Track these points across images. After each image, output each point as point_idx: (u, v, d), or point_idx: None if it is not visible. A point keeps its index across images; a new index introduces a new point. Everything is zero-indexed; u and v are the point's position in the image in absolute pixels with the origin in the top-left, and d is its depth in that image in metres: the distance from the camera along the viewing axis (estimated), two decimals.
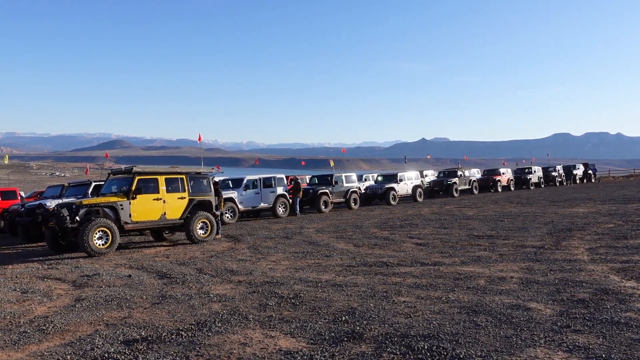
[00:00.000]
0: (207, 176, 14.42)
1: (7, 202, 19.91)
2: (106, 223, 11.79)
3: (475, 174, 34.34)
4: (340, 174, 25.09)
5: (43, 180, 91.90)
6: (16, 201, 20.06)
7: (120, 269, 9.73)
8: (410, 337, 4.81)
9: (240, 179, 20.97)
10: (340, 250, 10.90)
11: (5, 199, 20.27)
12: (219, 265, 9.58)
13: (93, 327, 5.66)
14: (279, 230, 15.71)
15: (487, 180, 33.99)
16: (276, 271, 8.72)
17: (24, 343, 5.19)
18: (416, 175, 29.20)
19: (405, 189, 27.57)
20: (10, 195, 20.71)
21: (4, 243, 16.21)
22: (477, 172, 35.96)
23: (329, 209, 22.97)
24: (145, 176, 12.94)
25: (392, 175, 28.51)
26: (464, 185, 31.13)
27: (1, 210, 19.73)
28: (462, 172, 31.53)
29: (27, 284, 8.58)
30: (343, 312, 5.77)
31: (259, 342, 4.89)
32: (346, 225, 16.29)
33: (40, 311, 6.58)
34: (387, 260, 9.21)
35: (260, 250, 11.40)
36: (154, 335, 5.22)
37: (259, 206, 20.84)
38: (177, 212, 13.29)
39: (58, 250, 12.41)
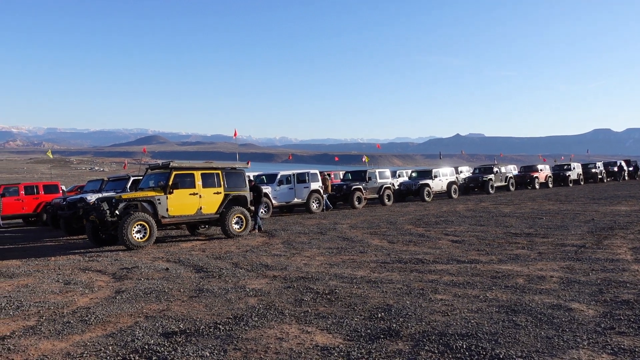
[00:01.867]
0: (242, 171, 14.55)
1: (50, 196, 20.56)
2: (144, 217, 12.03)
3: (511, 170, 33.70)
4: (374, 169, 24.97)
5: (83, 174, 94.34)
6: (58, 195, 20.68)
7: (158, 262, 9.91)
8: (448, 335, 4.75)
9: (274, 174, 21.08)
10: (374, 246, 10.86)
11: (47, 193, 20.94)
12: (254, 260, 9.67)
13: (133, 319, 5.78)
14: (313, 225, 15.74)
15: (524, 177, 33.31)
16: (311, 267, 8.74)
17: (68, 333, 5.34)
18: (451, 172, 28.85)
19: (440, 185, 27.26)
20: (53, 189, 21.38)
21: (47, 235, 16.70)
22: (514, 168, 35.27)
23: (363, 204, 22.89)
24: (182, 171, 13.15)
25: (426, 171, 28.23)
26: (500, 182, 30.59)
27: (44, 204, 20.38)
28: (498, 169, 30.97)
29: (69, 275, 8.82)
30: (379, 309, 5.74)
31: (296, 337, 4.91)
32: (380, 221, 16.21)
33: (83, 302, 6.76)
34: (423, 257, 9.13)
35: (295, 246, 11.45)
36: (192, 328, 5.30)
37: (293, 201, 20.92)
38: (213, 207, 13.46)
39: (98, 243, 12.73)
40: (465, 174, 33.34)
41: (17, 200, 20.26)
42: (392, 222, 15.57)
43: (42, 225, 20.85)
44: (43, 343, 5.04)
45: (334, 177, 28.40)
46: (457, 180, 28.95)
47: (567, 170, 36.50)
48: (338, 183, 24.37)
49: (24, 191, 20.64)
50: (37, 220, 21.32)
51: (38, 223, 21.35)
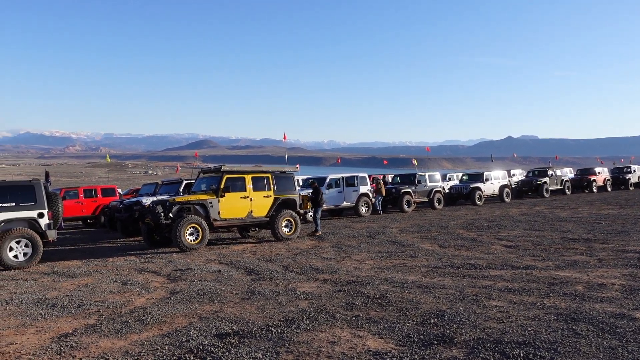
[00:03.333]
0: (292, 175, 14.67)
1: (107, 199, 21.33)
2: (197, 220, 12.29)
3: (567, 173, 32.55)
4: (424, 173, 24.66)
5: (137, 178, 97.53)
6: (115, 198, 21.43)
7: (211, 264, 10.10)
8: (504, 343, 4.63)
9: (323, 177, 21.15)
10: (425, 250, 10.71)
11: (105, 196, 21.72)
12: (304, 263, 9.71)
13: (188, 320, 5.91)
14: (362, 229, 15.68)
15: (581, 180, 32.11)
16: (361, 270, 8.71)
17: (126, 332, 5.51)
18: (503, 175, 28.15)
19: (492, 188, 26.64)
20: (110, 193, 22.16)
21: (104, 237, 17.32)
22: (570, 171, 34.07)
23: (412, 208, 22.64)
24: (233, 175, 13.37)
25: (477, 174, 27.65)
26: (555, 185, 29.60)
27: (102, 207, 21.16)
28: (553, 172, 29.99)
29: (126, 276, 9.11)
30: (431, 315, 5.65)
31: (348, 342, 4.89)
32: (430, 225, 15.99)
33: (139, 302, 6.96)
34: (475, 262, 8.94)
35: (344, 249, 11.43)
36: (245, 329, 5.37)
37: (342, 205, 20.92)
38: (263, 210, 13.62)
39: (153, 245, 13.10)
40: (518, 177, 32.45)
41: (77, 203, 21.11)
42: (442, 226, 15.33)
43: (100, 227, 21.63)
44: (103, 341, 5.21)
45: None
46: (509, 183, 28.23)
47: (627, 173, 34.95)
48: (387, 186, 24.21)
49: (83, 194, 21.48)
50: (96, 222, 22.13)
51: (96, 225, 22.16)
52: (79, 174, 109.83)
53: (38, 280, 9.09)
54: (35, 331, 5.70)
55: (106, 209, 20.13)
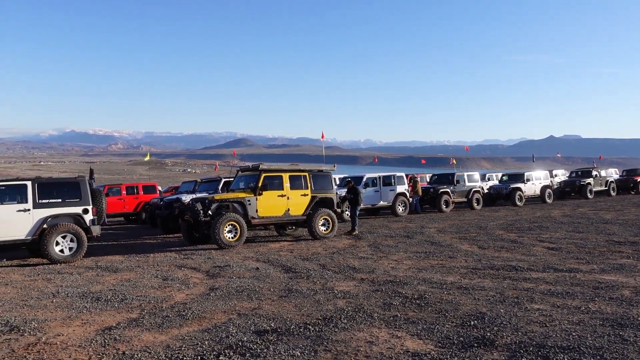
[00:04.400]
0: (329, 173, 14.68)
1: (148, 196, 21.82)
2: (235, 217, 12.44)
3: (612, 174, 31.52)
4: (462, 172, 24.31)
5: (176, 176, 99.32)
6: (155, 195, 21.89)
7: (249, 261, 10.21)
8: (547, 347, 4.52)
9: (359, 177, 21.09)
10: (464, 251, 10.55)
11: (146, 193, 22.23)
12: (341, 262, 9.71)
13: (227, 316, 5.99)
14: (399, 229, 15.57)
15: (627, 181, 31.05)
16: (398, 270, 8.65)
17: (167, 327, 5.62)
18: (545, 175, 27.46)
19: (533, 189, 26.02)
20: (151, 190, 22.66)
21: (145, 233, 17.71)
22: (615, 172, 32.99)
23: (450, 208, 22.35)
24: (271, 173, 13.47)
25: (518, 174, 27.08)
26: (599, 186, 28.70)
27: (143, 203, 21.65)
28: (598, 172, 29.09)
29: (166, 271, 9.30)
30: (471, 317, 5.56)
31: (386, 342, 4.86)
32: (469, 225, 15.75)
33: (180, 298, 7.09)
34: (516, 264, 8.75)
35: (381, 249, 11.37)
36: (283, 327, 5.40)
37: (378, 204, 20.81)
38: (300, 209, 13.67)
39: (192, 242, 13.32)
40: (560, 177, 31.62)
41: (119, 199, 21.66)
42: (482, 227, 15.07)
43: (141, 223, 22.13)
44: (145, 335, 5.33)
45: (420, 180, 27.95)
46: (551, 184, 27.53)
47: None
48: (425, 186, 23.96)
49: (126, 191, 22.02)
50: (137, 218, 22.66)
51: (137, 221, 22.68)
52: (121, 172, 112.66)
53: (83, 274, 9.37)
54: (81, 323, 5.88)
55: (147, 206, 20.59)
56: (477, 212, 21.82)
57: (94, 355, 4.74)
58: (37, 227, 10.67)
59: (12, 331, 5.61)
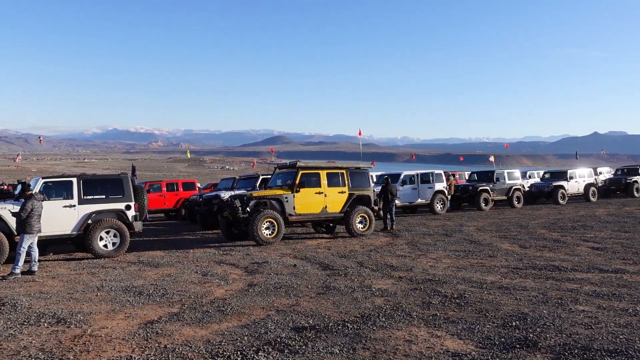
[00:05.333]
0: (367, 171, 14.62)
1: (188, 193, 22.18)
2: (273, 214, 12.53)
3: None
4: (502, 170, 23.83)
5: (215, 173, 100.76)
6: (195, 192, 22.24)
7: (286, 258, 10.27)
8: (593, 350, 4.38)
9: (397, 174, 20.92)
10: (504, 250, 10.35)
11: (186, 190, 22.60)
12: (378, 260, 9.66)
13: (265, 312, 6.04)
14: (438, 227, 15.39)
15: None
16: (437, 269, 8.55)
17: (207, 322, 5.70)
18: (589, 173, 26.66)
19: (576, 187, 25.30)
20: (190, 187, 23.03)
21: (185, 229, 18.02)
22: None
23: (490, 206, 21.95)
24: (308, 171, 13.50)
25: (561, 172, 26.36)
26: None
27: (183, 200, 22.03)
28: None
29: (206, 267, 9.44)
30: (513, 317, 5.45)
31: (425, 341, 4.81)
32: (509, 224, 15.43)
33: (219, 293, 7.19)
34: (559, 264, 8.53)
35: (419, 247, 11.26)
36: (321, 324, 5.41)
37: (416, 202, 20.62)
38: (338, 206, 13.67)
39: (231, 238, 13.48)
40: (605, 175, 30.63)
41: (160, 196, 22.09)
42: (522, 226, 14.75)
43: (180, 219, 22.52)
44: (186, 329, 5.42)
45: (459, 178, 27.56)
46: (595, 182, 26.70)
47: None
48: (463, 184, 23.60)
49: (166, 188, 22.44)
50: (177, 214, 23.06)
51: (177, 217, 23.09)
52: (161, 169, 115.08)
53: (125, 268, 9.60)
54: (124, 317, 6.03)
55: (187, 203, 20.92)
56: (517, 210, 21.37)
57: (137, 349, 4.85)
58: (82, 222, 10.99)
59: (59, 323, 5.80)
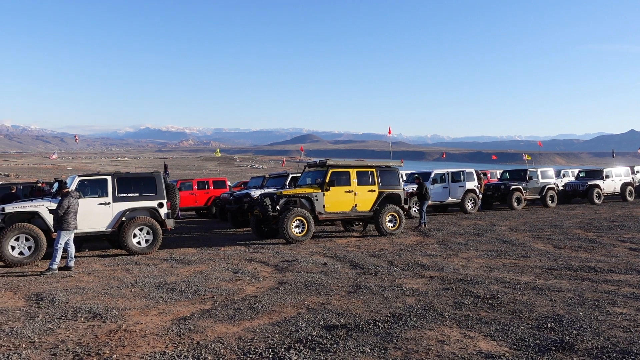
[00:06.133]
0: (397, 169, 14.54)
1: (218, 191, 22.42)
2: (303, 213, 12.56)
3: None
4: (536, 169, 23.39)
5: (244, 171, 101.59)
6: (225, 190, 22.46)
7: (316, 256, 10.28)
8: (632, 354, 4.26)
9: (427, 172, 20.75)
10: (538, 250, 10.16)
11: (216, 188, 22.84)
12: (409, 259, 9.59)
13: (296, 310, 6.05)
14: (469, 226, 15.19)
15: None
16: (469, 269, 8.44)
17: (239, 319, 5.75)
18: (626, 172, 25.96)
19: (612, 186, 24.67)
20: (221, 185, 23.27)
21: (215, 227, 18.23)
22: None
23: (522, 206, 21.57)
24: (338, 169, 13.49)
25: (596, 171, 25.75)
26: None
27: (214, 198, 22.28)
28: None
29: (237, 265, 9.52)
30: (548, 319, 5.34)
31: (457, 342, 4.75)
32: (543, 224, 15.14)
33: (250, 291, 7.24)
34: (596, 265, 8.33)
35: (451, 247, 11.14)
36: (352, 323, 5.40)
37: (447, 201, 20.40)
38: (367, 205, 13.62)
39: (261, 236, 13.57)
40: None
41: (191, 194, 22.38)
42: (557, 226, 14.45)
43: (211, 217, 22.78)
44: (218, 326, 5.48)
45: (490, 177, 27.17)
46: (632, 181, 25.99)
47: None
48: (495, 182, 23.26)
49: (197, 186, 22.72)
50: (207, 212, 23.33)
51: (208, 215, 23.36)
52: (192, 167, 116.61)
53: (158, 265, 9.76)
54: (158, 313, 6.12)
55: (217, 201, 21.15)
56: (551, 210, 20.96)
57: (171, 344, 4.92)
58: (116, 219, 11.21)
59: (95, 318, 5.93)
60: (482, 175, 22.35)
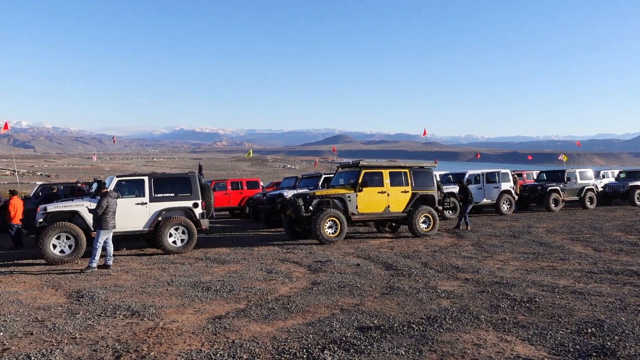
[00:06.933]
0: (430, 170, 14.40)
1: (252, 191, 22.61)
2: (336, 213, 12.56)
3: None
4: (574, 169, 22.84)
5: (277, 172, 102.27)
6: (258, 190, 22.64)
7: (349, 257, 10.27)
8: None
9: (461, 173, 20.49)
10: (577, 253, 9.91)
11: (250, 188, 23.05)
12: (443, 261, 9.49)
13: (330, 311, 6.06)
14: (504, 228, 14.94)
15: None
16: (505, 271, 8.30)
17: (273, 318, 5.79)
18: None
19: None
20: (254, 185, 23.47)
21: (249, 227, 18.39)
22: None
23: (560, 207, 21.09)
24: (371, 170, 13.45)
25: (637, 171, 25.00)
26: None
27: (247, 198, 22.48)
28: None
29: (270, 265, 9.59)
30: (588, 324, 5.21)
31: (494, 345, 4.68)
32: (581, 226, 14.77)
33: (283, 291, 7.28)
34: (638, 269, 8.07)
35: (486, 249, 10.97)
36: (386, 325, 5.37)
37: (481, 202, 20.10)
38: (401, 206, 13.54)
39: (294, 236, 13.63)
40: None
41: (225, 194, 22.64)
42: (596, 228, 14.07)
43: (244, 217, 23.00)
44: (252, 325, 5.53)
45: (527, 177, 26.65)
46: None
47: None
48: (532, 183, 22.81)
49: (231, 186, 22.97)
50: (241, 212, 23.56)
51: (241, 215, 23.59)
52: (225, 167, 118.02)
53: (193, 264, 9.90)
54: (193, 311, 6.22)
55: (250, 201, 21.35)
56: (590, 211, 20.42)
57: (207, 343, 4.98)
58: (153, 219, 11.43)
59: (133, 315, 6.06)
60: (516, 177, 21.94)
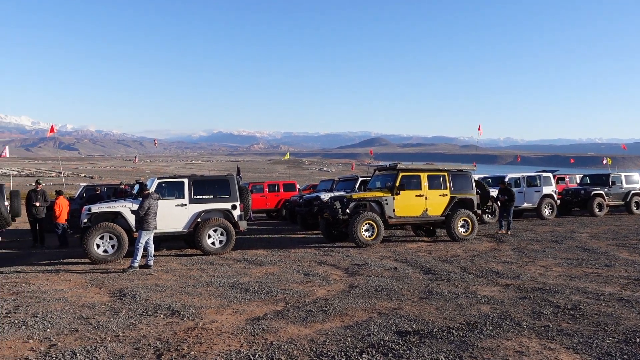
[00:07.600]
0: (469, 173, 14.17)
1: (288, 194, 22.73)
2: (372, 217, 12.50)
3: None
4: (619, 173, 22.10)
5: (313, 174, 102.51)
6: (295, 193, 22.74)
7: (386, 260, 10.20)
8: None
9: (501, 176, 20.09)
10: (623, 260, 9.59)
11: (286, 191, 23.18)
12: (483, 266, 9.33)
13: (367, 314, 6.03)
14: (546, 233, 14.58)
15: None
16: (547, 277, 8.09)
17: (310, 321, 5.80)
18: None
19: None
20: (291, 188, 23.58)
21: (286, 229, 18.48)
22: None
23: (604, 212, 20.44)
24: (409, 173, 13.33)
25: None
26: None
27: (284, 201, 22.61)
28: None
29: (307, 267, 9.61)
30: (636, 333, 5.03)
31: (537, 353, 4.57)
32: (628, 232, 14.28)
33: (321, 293, 7.28)
34: None
35: (527, 254, 10.73)
36: (425, 329, 5.31)
37: (522, 206, 19.66)
38: (439, 209, 13.37)
39: (330, 239, 13.63)
40: None
41: (262, 196, 22.83)
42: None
43: (281, 219, 23.13)
44: (290, 327, 5.55)
45: (569, 181, 25.93)
46: None
47: None
48: (574, 187, 22.19)
49: (268, 189, 23.16)
50: (278, 215, 23.71)
51: (278, 217, 23.74)
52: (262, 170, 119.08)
53: (232, 266, 10.01)
54: (232, 312, 6.29)
55: (287, 203, 21.45)
56: (636, 217, 19.73)
57: (245, 343, 5.03)
58: (192, 220, 11.61)
59: (174, 315, 6.17)
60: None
